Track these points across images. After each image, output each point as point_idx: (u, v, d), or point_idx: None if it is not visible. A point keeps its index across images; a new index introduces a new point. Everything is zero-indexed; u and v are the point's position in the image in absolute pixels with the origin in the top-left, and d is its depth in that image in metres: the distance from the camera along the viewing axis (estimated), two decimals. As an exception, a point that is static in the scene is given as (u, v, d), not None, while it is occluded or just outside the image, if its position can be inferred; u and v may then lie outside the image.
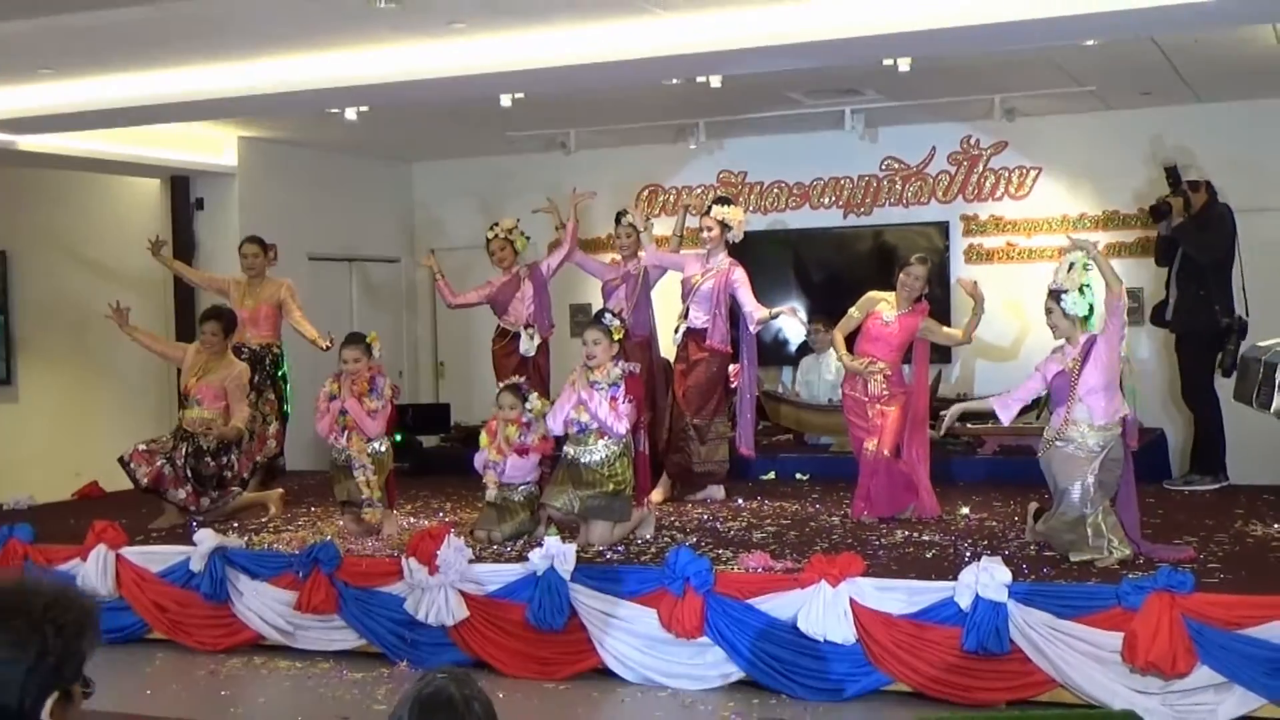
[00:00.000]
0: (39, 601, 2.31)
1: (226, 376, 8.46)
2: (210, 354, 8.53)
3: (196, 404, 8.44)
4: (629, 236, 9.33)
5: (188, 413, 8.49)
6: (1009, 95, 10.18)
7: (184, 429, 8.43)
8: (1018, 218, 11.33)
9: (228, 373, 8.49)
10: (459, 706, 2.51)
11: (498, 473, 7.59)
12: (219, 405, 8.42)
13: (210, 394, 8.43)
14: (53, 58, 8.04)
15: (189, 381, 8.53)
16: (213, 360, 8.52)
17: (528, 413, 7.61)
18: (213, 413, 8.41)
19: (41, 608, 2.30)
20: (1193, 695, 5.54)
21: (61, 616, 2.32)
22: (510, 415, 7.63)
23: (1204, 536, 7.16)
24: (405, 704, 2.53)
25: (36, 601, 2.31)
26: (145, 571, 7.53)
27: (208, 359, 8.53)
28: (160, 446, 8.36)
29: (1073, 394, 6.49)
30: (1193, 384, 9.55)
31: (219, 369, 8.49)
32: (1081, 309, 6.52)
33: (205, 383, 8.45)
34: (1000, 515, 8.09)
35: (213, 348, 8.54)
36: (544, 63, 7.84)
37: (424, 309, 13.46)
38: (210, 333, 8.54)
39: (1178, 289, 9.53)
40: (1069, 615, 5.76)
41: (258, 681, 6.81)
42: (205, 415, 8.40)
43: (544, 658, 6.60)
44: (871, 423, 8.03)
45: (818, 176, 11.89)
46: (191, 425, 8.40)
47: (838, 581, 6.05)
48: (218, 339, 8.55)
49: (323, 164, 12.20)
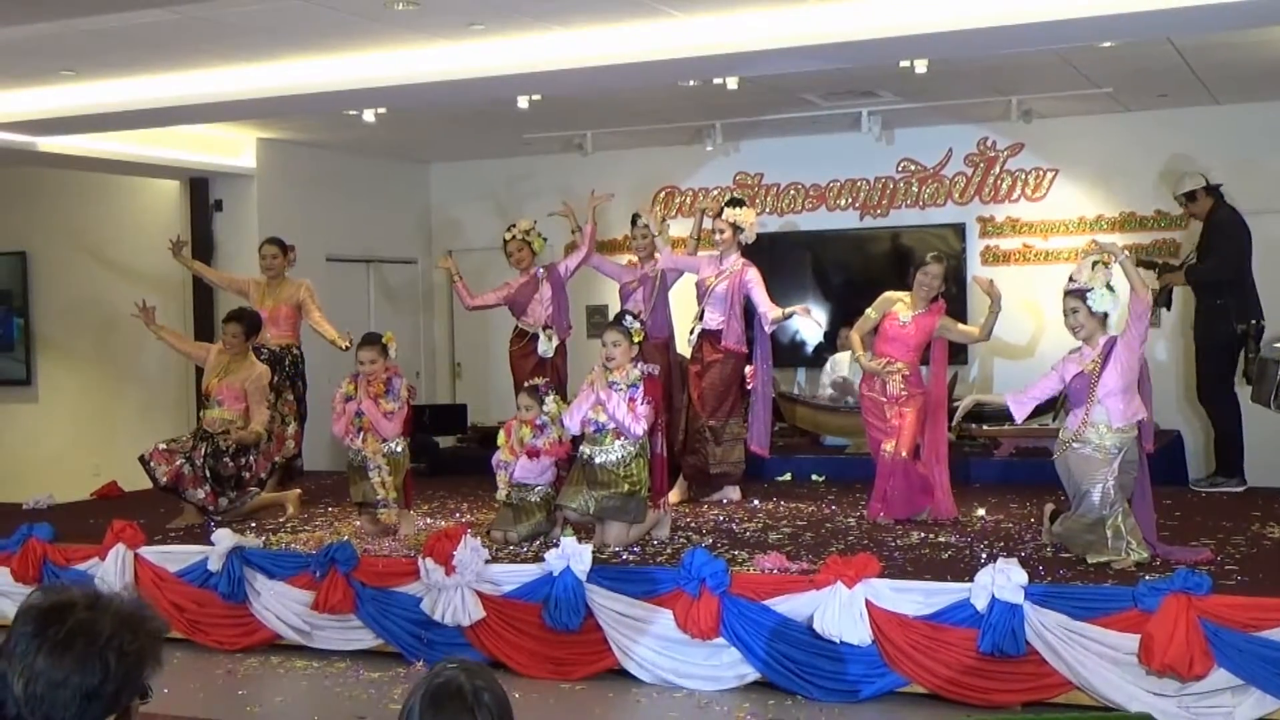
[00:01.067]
0: (106, 625, 2.25)
1: (247, 378, 8.49)
2: (232, 355, 8.56)
3: (217, 404, 8.47)
4: (644, 239, 9.34)
5: (208, 413, 8.52)
6: (1025, 97, 10.16)
7: (204, 429, 8.46)
8: (1034, 219, 11.30)
9: (249, 374, 8.52)
10: (469, 697, 2.47)
11: (509, 473, 7.61)
12: (239, 406, 8.45)
13: (231, 395, 8.45)
14: (73, 59, 8.08)
15: (210, 382, 8.57)
16: (234, 361, 8.55)
17: (543, 415, 7.61)
18: (233, 414, 8.44)
19: (108, 634, 2.24)
20: (1209, 698, 5.52)
21: (128, 645, 2.26)
22: (526, 416, 7.64)
23: (1221, 539, 7.13)
24: (416, 694, 2.50)
25: (104, 625, 2.25)
26: (163, 571, 7.55)
27: (230, 360, 8.56)
28: (180, 446, 8.39)
29: (1091, 396, 6.47)
30: (1210, 387, 9.54)
31: (240, 370, 8.52)
32: (1108, 305, 6.50)
33: (226, 383, 8.48)
34: (1016, 517, 8.07)
35: (234, 349, 8.57)
36: (561, 64, 7.85)
37: (441, 310, 13.48)
38: (232, 334, 8.57)
39: (1196, 300, 9.60)
40: (1085, 617, 5.74)
41: (275, 681, 6.82)
42: (225, 416, 8.43)
43: (560, 658, 6.60)
44: (889, 424, 8.02)
45: (834, 178, 11.88)
46: (211, 425, 8.43)
47: (854, 583, 6.03)
48: (239, 340, 8.57)
49: (341, 165, 12.23)
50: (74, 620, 2.24)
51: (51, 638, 2.22)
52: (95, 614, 2.26)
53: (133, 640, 2.27)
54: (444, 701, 2.47)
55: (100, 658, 2.23)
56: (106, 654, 2.23)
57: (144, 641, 2.29)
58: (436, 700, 2.48)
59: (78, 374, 12.48)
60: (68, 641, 2.22)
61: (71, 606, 2.26)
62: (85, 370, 12.44)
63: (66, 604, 2.26)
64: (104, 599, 2.30)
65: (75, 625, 2.24)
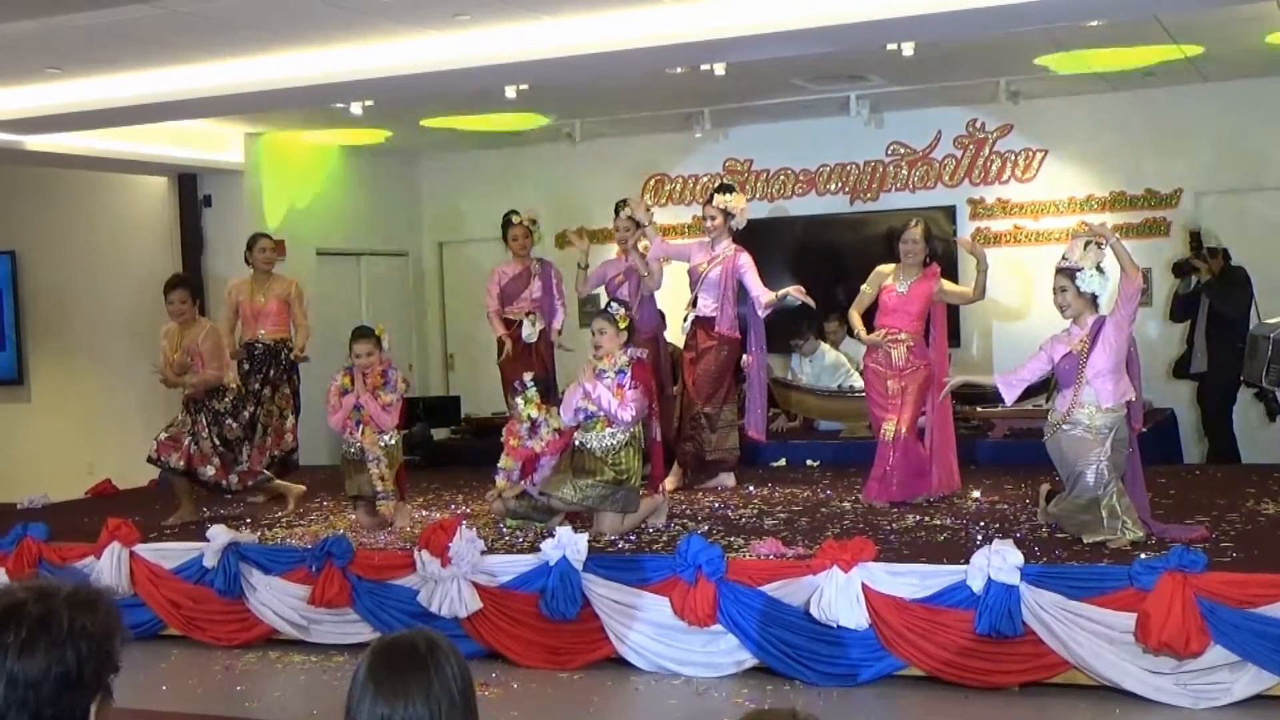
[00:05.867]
0: (63, 613, 2.25)
1: (197, 337, 8.41)
2: (183, 325, 8.50)
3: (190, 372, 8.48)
4: (628, 230, 9.22)
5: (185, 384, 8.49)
6: (1013, 78, 10.16)
7: (189, 401, 8.43)
8: (1024, 201, 11.31)
9: (198, 333, 8.43)
10: (424, 656, 2.34)
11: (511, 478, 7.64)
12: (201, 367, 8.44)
13: (196, 359, 8.40)
14: (59, 57, 8.05)
15: (173, 359, 8.50)
16: (186, 330, 8.47)
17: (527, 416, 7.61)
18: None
19: (68, 621, 2.25)
20: (1206, 675, 5.53)
21: (91, 625, 2.27)
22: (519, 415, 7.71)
23: (1216, 516, 7.14)
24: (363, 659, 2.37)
25: (60, 613, 2.25)
26: (159, 568, 7.54)
27: (180, 331, 8.49)
28: (180, 428, 8.36)
29: (1080, 377, 6.47)
30: (1215, 421, 10.10)
31: (190, 333, 8.45)
32: (1096, 287, 6.50)
33: (183, 350, 8.42)
34: (1011, 498, 8.08)
35: (182, 316, 8.49)
36: (548, 53, 7.84)
37: (433, 301, 13.47)
38: (180, 300, 8.47)
39: (1208, 341, 10.01)
40: (1081, 597, 5.75)
41: (273, 676, 6.82)
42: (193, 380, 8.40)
43: (557, 647, 6.61)
44: (890, 399, 8.01)
45: (824, 163, 11.88)
46: (193, 390, 8.38)
47: (850, 567, 6.04)
48: (187, 305, 8.50)
49: (329, 159, 12.20)
50: (30, 619, 2.25)
51: (15, 641, 2.23)
52: (48, 606, 2.26)
53: (93, 619, 2.28)
54: (395, 660, 2.35)
55: (70, 645, 2.24)
56: (74, 640, 2.25)
57: (103, 616, 2.30)
58: (387, 657, 2.36)
59: (69, 372, 12.46)
60: (32, 640, 2.23)
61: (22, 606, 2.26)
62: (77, 368, 12.42)
63: (16, 605, 2.27)
64: (48, 589, 2.31)
65: (34, 623, 2.24)
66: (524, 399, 7.67)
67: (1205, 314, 10.06)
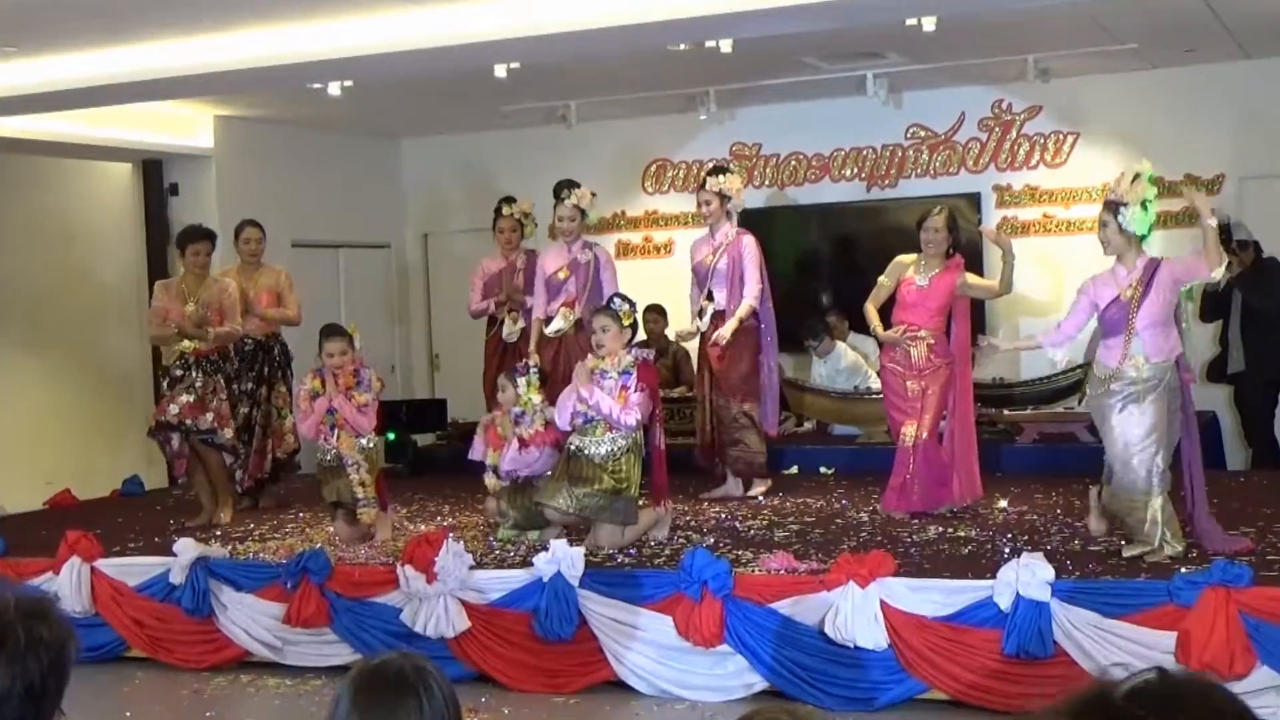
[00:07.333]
0: (16, 625, 2.29)
1: (221, 294, 8.74)
2: (195, 277, 8.73)
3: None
4: (573, 220, 9.04)
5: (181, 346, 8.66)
6: (1043, 55, 10.16)
7: (186, 358, 8.57)
8: (1054, 187, 11.31)
9: (217, 289, 8.76)
10: (412, 680, 2.32)
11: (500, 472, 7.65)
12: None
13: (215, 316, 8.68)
14: (14, 34, 8.04)
15: (176, 308, 8.68)
16: (200, 285, 8.70)
17: (519, 402, 7.64)
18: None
19: (23, 632, 2.29)
20: (1253, 699, 5.52)
21: (46, 634, 2.31)
22: (503, 400, 7.79)
23: (1262, 527, 7.14)
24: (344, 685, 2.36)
25: (14, 626, 2.29)
26: (122, 585, 7.54)
27: (193, 283, 8.74)
28: (188, 387, 8.56)
29: (1130, 326, 6.43)
30: (1255, 425, 10.19)
31: (206, 288, 8.71)
32: (1141, 227, 6.50)
33: (201, 305, 8.66)
34: (1041, 508, 8.08)
35: (203, 267, 8.84)
36: (540, 29, 7.81)
37: (417, 298, 13.47)
38: (206, 253, 8.86)
39: (1244, 339, 10.10)
40: (1117, 614, 5.75)
41: (245, 701, 6.82)
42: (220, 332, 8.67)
43: (552, 670, 6.61)
44: (910, 402, 7.99)
45: (838, 147, 11.88)
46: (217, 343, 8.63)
47: (867, 582, 6.04)
48: (208, 259, 8.91)
49: (305, 143, 12.21)
50: None
51: None
52: (2, 619, 2.31)
53: (48, 627, 2.34)
54: (381, 686, 2.33)
55: (32, 656, 2.29)
56: (34, 651, 2.30)
57: (56, 624, 2.36)
58: (372, 684, 2.35)
59: (26, 374, 12.42)
60: None
61: None
62: (35, 370, 12.38)
63: None
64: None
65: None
66: (526, 381, 7.67)
67: (1238, 311, 10.11)
